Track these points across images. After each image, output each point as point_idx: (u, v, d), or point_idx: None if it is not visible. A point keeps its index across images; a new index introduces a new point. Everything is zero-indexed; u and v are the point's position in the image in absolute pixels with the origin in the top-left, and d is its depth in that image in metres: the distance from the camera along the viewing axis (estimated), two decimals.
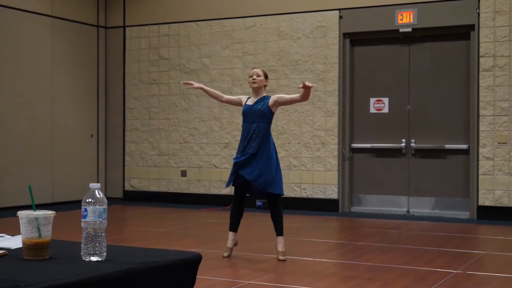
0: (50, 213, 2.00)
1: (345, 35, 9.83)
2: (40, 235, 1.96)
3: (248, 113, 5.90)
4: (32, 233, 1.97)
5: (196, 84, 6.16)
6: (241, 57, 10.41)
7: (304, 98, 5.75)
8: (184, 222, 8.66)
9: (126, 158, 11.34)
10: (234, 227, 6.15)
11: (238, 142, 10.26)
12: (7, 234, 2.49)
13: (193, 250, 6.23)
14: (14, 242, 2.26)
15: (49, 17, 10.51)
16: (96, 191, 1.99)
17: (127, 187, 11.36)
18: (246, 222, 8.83)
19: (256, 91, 5.94)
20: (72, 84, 10.94)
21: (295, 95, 5.93)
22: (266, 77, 5.96)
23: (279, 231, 6.03)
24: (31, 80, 10.21)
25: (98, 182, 11.46)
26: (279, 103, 5.92)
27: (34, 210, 2.01)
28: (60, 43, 10.71)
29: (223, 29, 10.56)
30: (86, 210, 1.97)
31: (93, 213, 1.96)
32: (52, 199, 10.37)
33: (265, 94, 5.99)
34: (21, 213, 1.99)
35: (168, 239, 7.08)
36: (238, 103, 6.10)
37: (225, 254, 6.03)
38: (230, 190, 10.43)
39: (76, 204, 10.37)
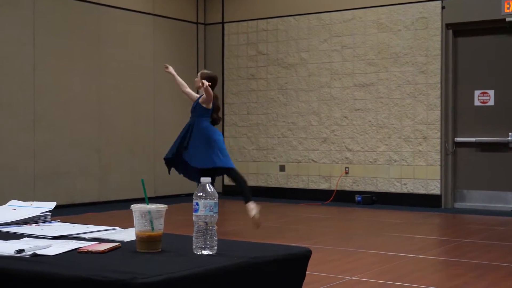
0: (162, 206, 2.03)
1: (448, 26, 9.55)
2: (153, 228, 1.99)
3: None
4: (145, 226, 2.00)
5: (170, 69, 7.39)
6: (340, 51, 10.31)
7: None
8: (283, 217, 8.68)
9: None
10: None
11: (337, 137, 10.23)
12: (119, 227, 2.55)
13: (293, 244, 6.22)
14: (126, 235, 2.31)
15: (151, 15, 10.77)
16: (207, 185, 2.00)
17: (226, 182, 11.48)
18: (346, 218, 8.76)
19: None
20: (172, 81, 11.16)
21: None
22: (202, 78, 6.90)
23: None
24: (134, 78, 10.50)
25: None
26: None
27: (147, 204, 2.04)
28: (161, 40, 10.96)
29: (321, 23, 10.49)
30: (197, 204, 1.98)
31: (204, 207, 1.97)
32: (155, 193, 10.64)
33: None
34: (135, 207, 2.03)
35: (269, 234, 7.10)
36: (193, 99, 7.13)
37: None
38: (329, 185, 10.37)
39: (177, 198, 10.60)
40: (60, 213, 7.78)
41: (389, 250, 6.06)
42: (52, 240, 2.25)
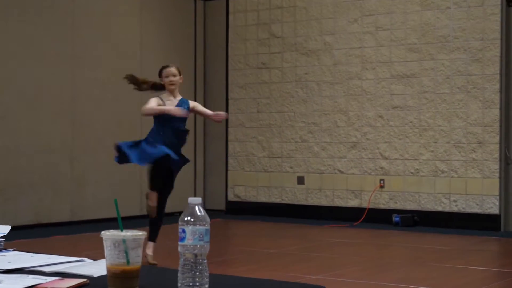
0: (140, 234, 2.01)
1: (510, 2, 9.52)
2: (128, 261, 1.98)
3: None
4: (118, 258, 1.98)
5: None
6: (374, 34, 10.29)
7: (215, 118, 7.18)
8: (301, 242, 8.66)
9: (230, 161, 11.46)
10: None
11: (369, 141, 10.22)
12: (89, 258, 2.54)
13: (313, 277, 6.21)
14: (96, 268, 2.30)
15: None
16: (197, 207, 1.98)
17: (231, 197, 11.49)
18: (380, 243, 8.72)
19: (173, 92, 7.12)
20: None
21: (208, 111, 7.36)
22: (180, 73, 7.15)
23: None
24: (117, 68, 10.50)
25: (195, 190, 11.66)
26: (195, 111, 7.33)
27: (121, 230, 2.03)
28: (149, 21, 10.97)
29: None
30: (184, 231, 1.96)
31: (193, 235, 1.95)
32: (141, 211, 10.63)
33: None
34: (106, 234, 2.01)
35: (283, 263, 7.09)
36: None
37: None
38: (360, 202, 10.34)
39: (168, 218, 10.57)
40: (23, 235, 7.80)
41: (434, 284, 6.03)
42: (4, 274, 2.24)
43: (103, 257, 2.22)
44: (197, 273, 1.95)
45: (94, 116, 10.23)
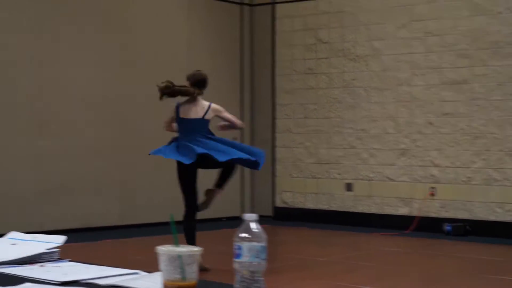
0: (196, 250, 2.02)
1: None
2: (184, 277, 1.99)
3: None
4: (174, 274, 1.99)
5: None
6: (423, 39, 10.22)
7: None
8: (350, 250, 8.63)
9: (277, 167, 11.46)
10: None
11: (419, 148, 10.15)
12: (140, 265, 2.56)
13: (362, 287, 6.18)
14: (151, 281, 2.30)
15: None
16: (253, 223, 1.98)
17: (278, 203, 11.49)
18: (431, 253, 8.64)
19: None
20: (210, 76, 11.14)
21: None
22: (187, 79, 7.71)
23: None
24: (164, 71, 10.54)
25: (242, 195, 11.67)
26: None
27: (177, 245, 2.04)
28: (196, 25, 11.02)
29: (399, 3, 10.43)
30: (240, 247, 1.96)
31: (249, 252, 1.95)
32: None
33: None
34: (161, 249, 2.02)
35: (331, 272, 7.07)
36: None
37: None
38: (410, 210, 10.26)
39: (212, 223, 10.58)
40: (73, 238, 7.87)
41: None
42: (60, 287, 2.26)
43: (153, 262, 2.23)
44: None
45: (142, 118, 10.29)
